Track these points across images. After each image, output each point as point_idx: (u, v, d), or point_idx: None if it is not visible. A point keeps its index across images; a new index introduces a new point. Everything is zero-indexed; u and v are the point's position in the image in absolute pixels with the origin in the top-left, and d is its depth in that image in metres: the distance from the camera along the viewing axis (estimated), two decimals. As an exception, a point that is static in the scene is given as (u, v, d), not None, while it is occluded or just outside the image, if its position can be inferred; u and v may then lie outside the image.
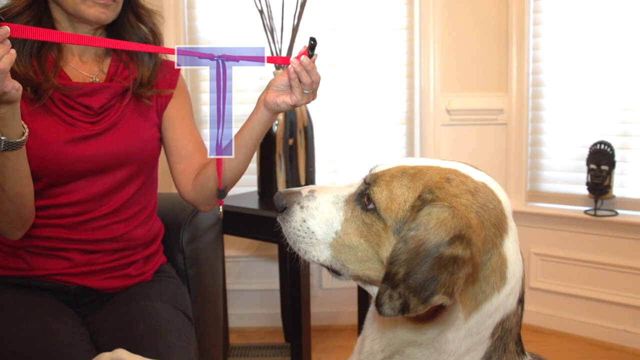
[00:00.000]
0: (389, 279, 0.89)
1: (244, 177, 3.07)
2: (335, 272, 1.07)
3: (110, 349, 1.38)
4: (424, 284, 0.85)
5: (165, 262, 1.90)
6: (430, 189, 0.94)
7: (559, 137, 3.33)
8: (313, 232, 1.06)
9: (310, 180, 2.73)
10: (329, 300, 3.47)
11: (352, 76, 3.37)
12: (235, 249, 3.40)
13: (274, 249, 3.34)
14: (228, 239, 3.17)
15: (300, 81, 1.50)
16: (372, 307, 1.11)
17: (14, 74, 1.44)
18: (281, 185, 2.69)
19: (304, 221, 1.07)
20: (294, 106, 1.55)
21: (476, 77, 3.39)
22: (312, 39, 1.49)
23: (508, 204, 1.01)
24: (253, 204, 2.69)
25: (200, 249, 2.07)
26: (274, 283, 3.36)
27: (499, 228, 0.96)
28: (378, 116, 3.41)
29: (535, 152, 3.41)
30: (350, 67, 3.36)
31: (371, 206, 1.00)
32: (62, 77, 1.62)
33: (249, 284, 3.45)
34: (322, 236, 1.06)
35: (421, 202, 0.93)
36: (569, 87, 3.26)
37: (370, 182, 1.02)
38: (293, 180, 2.69)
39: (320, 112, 3.29)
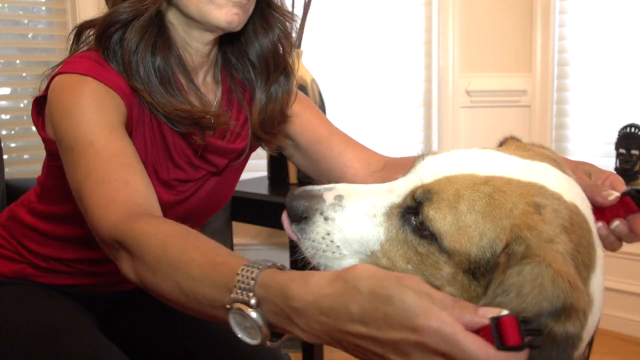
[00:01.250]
0: None
1: (252, 161, 2.92)
2: None
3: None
4: None
5: None
6: (519, 235, 0.73)
7: (586, 120, 3.19)
8: (338, 247, 0.84)
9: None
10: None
11: (366, 55, 3.26)
12: (244, 236, 3.33)
13: (284, 236, 3.24)
14: (237, 226, 3.09)
15: None
16: None
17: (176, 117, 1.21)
18: (292, 171, 2.59)
19: (328, 234, 0.84)
20: None
21: (498, 56, 3.26)
22: None
23: (594, 227, 0.80)
24: (263, 189, 2.62)
25: (208, 235, 1.95)
26: (285, 272, 3.27)
27: (590, 268, 0.76)
28: (394, 98, 3.30)
29: (560, 135, 3.27)
30: (365, 46, 3.25)
31: (426, 233, 0.78)
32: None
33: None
34: (352, 252, 0.84)
35: (507, 259, 0.72)
36: (597, 66, 3.11)
37: (422, 201, 0.79)
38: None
39: (333, 93, 3.17)
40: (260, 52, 1.37)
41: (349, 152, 1.45)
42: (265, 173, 2.85)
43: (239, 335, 0.74)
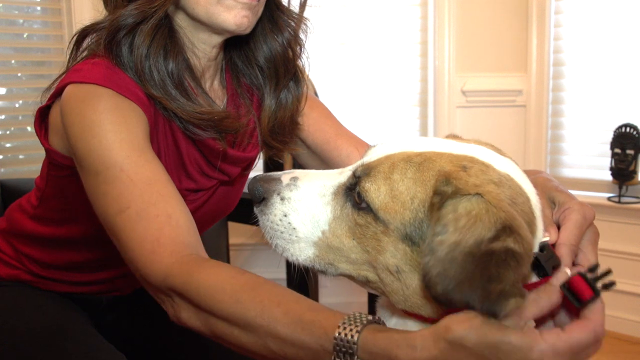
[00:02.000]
0: (441, 302, 0.71)
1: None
2: (320, 272, 0.90)
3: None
4: (484, 291, 0.65)
5: None
6: (445, 180, 0.75)
7: (581, 120, 3.19)
8: (294, 229, 0.87)
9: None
10: (338, 290, 3.37)
11: (362, 55, 3.25)
12: (240, 236, 3.31)
13: (280, 236, 3.24)
14: (233, 226, 3.08)
15: None
16: (378, 312, 0.93)
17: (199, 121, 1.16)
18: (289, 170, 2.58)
19: (285, 215, 0.88)
20: None
21: (493, 56, 3.26)
22: None
23: (537, 202, 0.82)
24: None
25: (203, 236, 1.95)
26: (281, 272, 3.26)
27: (531, 230, 0.76)
28: (390, 97, 3.30)
29: (555, 135, 3.27)
30: (361, 45, 3.25)
31: (364, 205, 0.81)
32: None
33: (255, 272, 3.31)
34: (306, 234, 0.87)
35: (440, 198, 0.74)
36: (592, 66, 3.11)
37: (360, 175, 0.83)
38: (300, 165, 2.57)
39: (328, 93, 3.16)
40: (270, 56, 1.33)
41: (357, 155, 1.39)
42: (261, 172, 2.81)
43: None
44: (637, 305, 3.04)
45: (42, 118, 1.21)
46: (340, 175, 0.89)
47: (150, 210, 0.97)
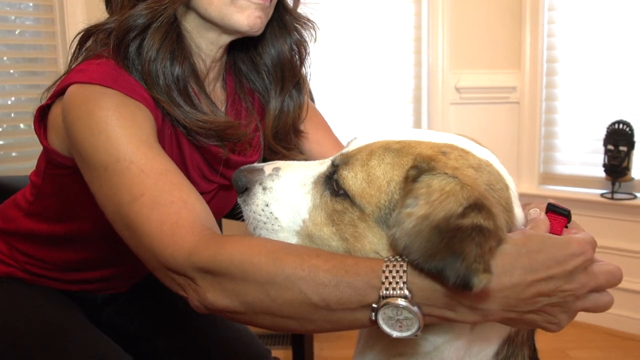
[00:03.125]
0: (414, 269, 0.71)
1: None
2: None
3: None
4: (441, 269, 0.66)
5: None
6: (424, 160, 0.76)
7: (574, 117, 3.20)
8: (276, 218, 0.88)
9: (312, 161, 2.61)
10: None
11: (356, 52, 3.25)
12: (227, 231, 3.26)
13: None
14: (227, 222, 3.05)
15: None
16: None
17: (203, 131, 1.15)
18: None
19: (267, 205, 0.89)
20: None
21: (487, 53, 3.25)
22: None
23: (515, 192, 0.83)
24: None
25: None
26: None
27: (508, 216, 0.78)
28: (384, 94, 3.29)
29: (548, 132, 3.27)
30: (355, 42, 3.24)
31: (341, 192, 0.82)
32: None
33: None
34: (287, 223, 0.87)
35: (417, 171, 0.75)
36: (586, 63, 3.12)
37: (339, 164, 0.84)
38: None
39: (322, 91, 3.16)
40: (277, 59, 1.32)
41: None
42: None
43: (387, 331, 0.74)
44: (631, 302, 3.05)
45: (41, 117, 1.19)
46: (320, 165, 0.90)
47: (165, 197, 0.95)
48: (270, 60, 1.32)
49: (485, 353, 0.82)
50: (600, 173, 3.08)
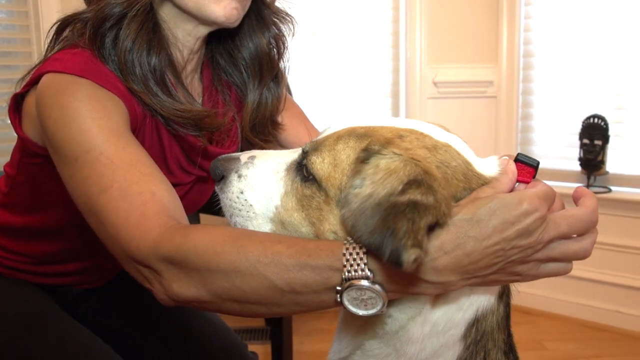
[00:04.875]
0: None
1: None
2: None
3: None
4: (379, 246, 0.67)
5: None
6: (378, 142, 0.78)
7: (550, 111, 3.23)
8: (251, 205, 0.90)
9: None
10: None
11: (334, 46, 3.24)
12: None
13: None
14: (205, 218, 3.05)
15: None
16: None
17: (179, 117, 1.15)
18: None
19: (242, 192, 0.91)
20: None
21: (464, 48, 3.27)
22: None
23: (483, 169, 0.83)
24: None
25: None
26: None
27: (470, 185, 0.78)
28: (362, 89, 3.29)
29: (525, 126, 3.30)
30: (332, 36, 3.24)
31: (310, 177, 0.84)
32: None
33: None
34: (261, 210, 0.89)
35: (366, 154, 0.76)
36: (561, 57, 3.15)
37: (308, 150, 0.85)
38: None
39: (300, 85, 3.15)
40: (255, 53, 1.33)
41: None
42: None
43: (353, 310, 0.75)
44: (605, 293, 3.09)
45: (16, 106, 1.18)
46: (293, 153, 0.91)
47: (133, 188, 0.95)
48: (248, 54, 1.32)
49: (451, 333, 0.83)
50: (576, 167, 3.11)
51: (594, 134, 2.99)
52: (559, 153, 3.21)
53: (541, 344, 2.87)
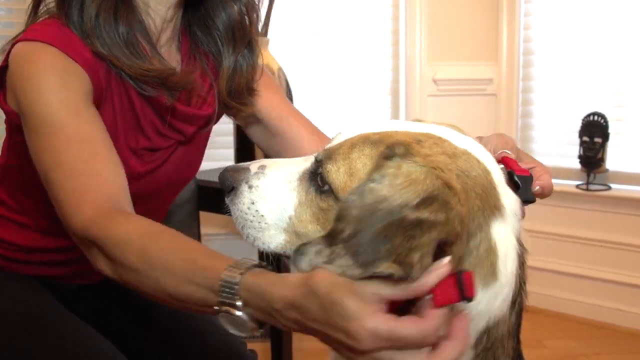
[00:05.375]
0: (329, 236, 0.72)
1: (219, 151, 2.89)
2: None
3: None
4: (370, 246, 0.67)
5: None
6: (399, 144, 0.76)
7: (550, 109, 3.22)
8: (262, 216, 0.88)
9: (290, 153, 2.60)
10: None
11: (334, 44, 3.23)
12: (212, 226, 3.28)
13: (252, 226, 3.21)
14: (204, 215, 3.04)
15: None
16: None
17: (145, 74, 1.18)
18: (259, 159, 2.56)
19: (253, 203, 0.89)
20: None
21: (464, 45, 3.26)
22: None
23: (500, 177, 0.82)
24: None
25: (173, 226, 1.92)
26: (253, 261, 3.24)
27: (486, 203, 0.77)
28: (362, 86, 3.28)
29: (525, 124, 3.30)
30: (332, 34, 3.22)
31: (326, 187, 0.82)
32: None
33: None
34: (274, 221, 0.87)
35: (390, 151, 0.75)
36: (561, 55, 3.14)
37: (322, 159, 0.84)
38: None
39: (300, 82, 3.14)
40: (227, 21, 1.35)
41: (307, 134, 1.46)
42: (232, 162, 2.80)
43: (229, 329, 0.80)
44: (604, 291, 3.08)
45: (0, 80, 1.20)
46: (305, 162, 0.89)
47: (81, 167, 1.02)
48: (222, 23, 1.35)
49: None
50: (576, 164, 3.10)
51: (594, 132, 2.98)
52: (559, 151, 3.21)
53: (541, 342, 2.87)
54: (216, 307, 0.79)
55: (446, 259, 0.67)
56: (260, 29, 2.47)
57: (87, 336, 1.29)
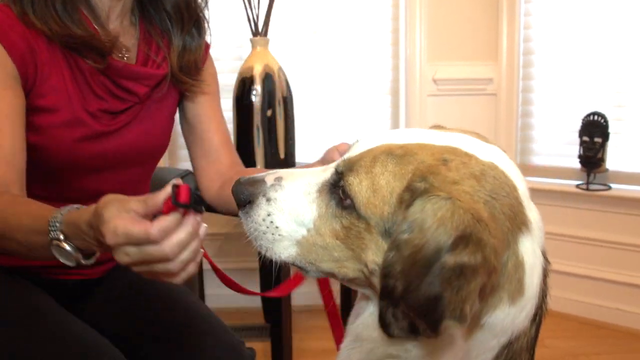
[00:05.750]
0: (387, 294, 0.72)
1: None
2: (301, 269, 0.91)
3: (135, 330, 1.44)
4: (428, 305, 0.67)
5: None
6: (422, 176, 0.75)
7: (550, 108, 3.22)
8: (277, 227, 0.88)
9: (290, 154, 2.60)
10: (311, 279, 3.33)
11: (334, 44, 3.22)
12: (212, 225, 3.20)
13: (252, 226, 3.21)
14: (204, 215, 3.04)
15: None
16: (356, 305, 0.93)
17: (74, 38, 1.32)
18: (260, 160, 2.57)
19: (269, 215, 0.88)
20: None
21: (464, 45, 3.25)
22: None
23: (525, 190, 0.81)
24: None
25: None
26: (254, 261, 3.24)
27: (514, 222, 0.76)
28: (361, 86, 3.27)
29: (525, 123, 3.29)
30: (332, 34, 3.22)
31: (348, 202, 0.81)
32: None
33: (227, 262, 3.30)
34: (289, 232, 0.87)
35: (410, 195, 0.74)
36: (561, 55, 3.14)
37: (343, 171, 0.83)
38: (272, 154, 2.57)
39: (300, 82, 3.14)
40: (174, 2, 1.48)
41: (224, 152, 1.61)
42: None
43: (63, 261, 0.99)
44: (604, 291, 3.08)
45: None
46: (324, 173, 0.88)
47: None
48: (170, 4, 1.48)
49: (484, 357, 0.82)
50: (576, 164, 3.10)
51: (594, 132, 2.98)
52: (559, 150, 3.21)
53: (541, 342, 2.84)
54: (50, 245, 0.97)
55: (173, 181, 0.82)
56: (260, 29, 2.48)
57: (82, 330, 1.32)
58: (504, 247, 0.74)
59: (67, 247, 0.96)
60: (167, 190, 0.81)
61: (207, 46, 1.63)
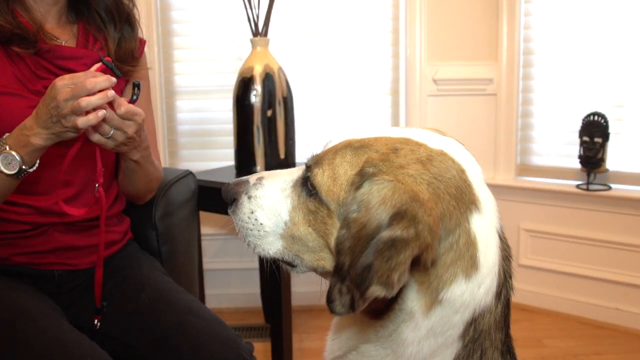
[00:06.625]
0: (337, 271, 0.78)
1: (220, 150, 2.90)
2: (290, 264, 0.97)
3: (120, 329, 1.47)
4: (362, 274, 0.75)
5: (131, 238, 1.80)
6: (372, 162, 0.83)
7: (550, 108, 3.22)
8: (262, 224, 0.97)
9: (290, 154, 2.61)
10: (310, 279, 3.32)
11: (334, 44, 3.23)
12: (212, 226, 3.28)
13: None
14: (204, 215, 3.05)
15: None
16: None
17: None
18: (260, 159, 2.58)
19: (252, 212, 0.97)
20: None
21: (464, 45, 3.26)
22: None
23: (476, 174, 0.87)
24: (230, 178, 2.54)
25: (174, 226, 1.95)
26: (253, 262, 3.25)
27: (461, 201, 0.82)
28: (362, 86, 3.28)
29: (525, 124, 3.29)
30: (332, 34, 3.22)
31: (314, 191, 0.89)
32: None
33: (227, 262, 3.32)
34: (272, 227, 0.96)
35: (360, 178, 0.82)
36: (561, 55, 3.14)
37: (311, 165, 0.91)
38: (272, 153, 2.57)
39: (300, 82, 3.15)
40: (105, 6, 1.62)
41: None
42: (232, 162, 2.81)
43: (6, 172, 1.29)
44: (604, 291, 3.09)
45: None
46: (298, 171, 0.97)
47: None
48: (102, 8, 1.62)
49: (449, 334, 0.85)
50: (576, 164, 3.11)
51: (594, 132, 2.98)
52: (559, 150, 3.21)
53: (540, 342, 2.87)
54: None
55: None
56: (260, 29, 2.49)
57: (67, 332, 1.33)
58: (449, 226, 0.81)
59: (13, 154, 1.28)
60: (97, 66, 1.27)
61: (143, 42, 1.75)
